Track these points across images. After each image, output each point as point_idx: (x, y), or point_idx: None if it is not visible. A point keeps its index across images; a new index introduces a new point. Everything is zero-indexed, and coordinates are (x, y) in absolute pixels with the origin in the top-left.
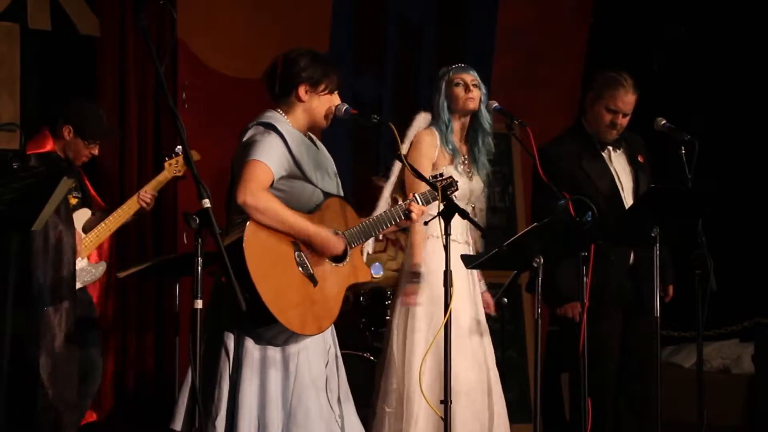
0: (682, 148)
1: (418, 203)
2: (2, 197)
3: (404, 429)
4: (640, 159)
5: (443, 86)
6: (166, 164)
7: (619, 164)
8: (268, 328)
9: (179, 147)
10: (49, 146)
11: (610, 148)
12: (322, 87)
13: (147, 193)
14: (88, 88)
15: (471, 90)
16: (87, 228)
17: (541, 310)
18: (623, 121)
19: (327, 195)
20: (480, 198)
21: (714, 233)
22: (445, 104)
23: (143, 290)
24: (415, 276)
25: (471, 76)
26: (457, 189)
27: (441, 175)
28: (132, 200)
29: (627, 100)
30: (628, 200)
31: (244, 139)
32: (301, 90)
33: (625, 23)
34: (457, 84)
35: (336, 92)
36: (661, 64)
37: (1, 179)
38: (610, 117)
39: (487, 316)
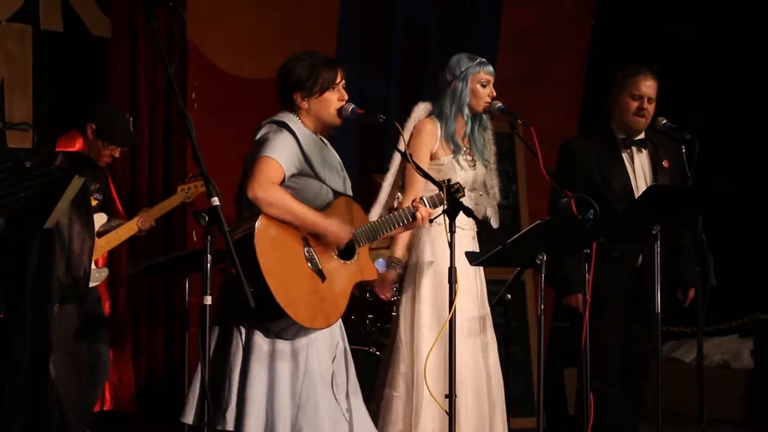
0: (683, 147)
1: (425, 206)
2: (16, 195)
3: (414, 413)
4: (665, 164)
5: (469, 81)
6: (179, 188)
7: (639, 165)
8: (277, 322)
9: (192, 174)
10: (78, 145)
11: (634, 148)
12: (315, 89)
13: (146, 221)
14: (100, 89)
15: (491, 90)
16: (100, 233)
17: (544, 306)
18: (650, 108)
19: (336, 193)
20: (488, 179)
21: (714, 230)
22: (468, 100)
23: (153, 286)
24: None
25: (492, 75)
26: (464, 195)
27: (449, 181)
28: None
29: (648, 84)
30: None
31: (258, 136)
32: (297, 98)
33: (626, 24)
34: (484, 85)
35: (335, 87)
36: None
37: (14, 178)
38: (636, 104)
39: (492, 312)
